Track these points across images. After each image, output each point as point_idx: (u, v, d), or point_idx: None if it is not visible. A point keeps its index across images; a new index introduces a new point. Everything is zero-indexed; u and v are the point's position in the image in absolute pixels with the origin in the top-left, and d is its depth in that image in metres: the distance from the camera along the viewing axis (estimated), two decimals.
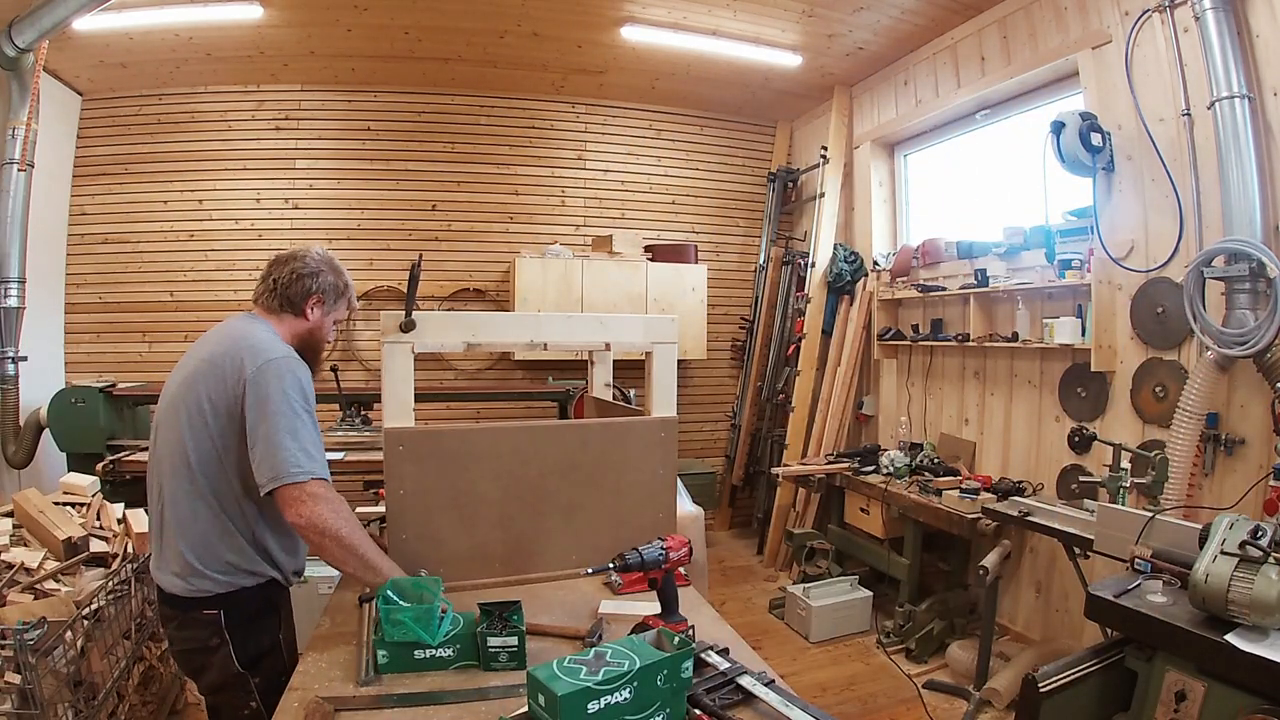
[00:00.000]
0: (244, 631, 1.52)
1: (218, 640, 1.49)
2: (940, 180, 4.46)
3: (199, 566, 1.48)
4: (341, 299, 1.74)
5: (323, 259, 1.72)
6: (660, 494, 1.93)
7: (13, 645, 1.74)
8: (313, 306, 1.68)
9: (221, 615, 1.50)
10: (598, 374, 2.47)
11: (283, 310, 1.67)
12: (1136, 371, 2.94)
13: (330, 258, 1.74)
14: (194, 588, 1.49)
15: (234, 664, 1.49)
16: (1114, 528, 2.26)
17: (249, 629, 1.54)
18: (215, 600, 1.49)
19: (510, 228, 5.14)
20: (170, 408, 1.54)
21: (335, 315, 1.75)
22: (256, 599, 1.55)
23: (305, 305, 1.67)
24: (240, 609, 1.52)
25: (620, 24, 4.02)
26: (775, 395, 5.12)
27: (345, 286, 1.75)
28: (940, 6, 3.73)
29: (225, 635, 1.49)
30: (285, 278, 1.66)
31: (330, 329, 1.75)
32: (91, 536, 2.51)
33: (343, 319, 1.81)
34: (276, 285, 1.66)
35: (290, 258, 1.69)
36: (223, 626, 1.49)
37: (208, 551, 1.49)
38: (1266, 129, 2.49)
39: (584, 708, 0.97)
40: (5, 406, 3.78)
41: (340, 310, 1.76)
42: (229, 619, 1.50)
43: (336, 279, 1.72)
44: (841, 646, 3.50)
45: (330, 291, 1.70)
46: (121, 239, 4.62)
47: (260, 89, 4.72)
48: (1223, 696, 1.61)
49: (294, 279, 1.66)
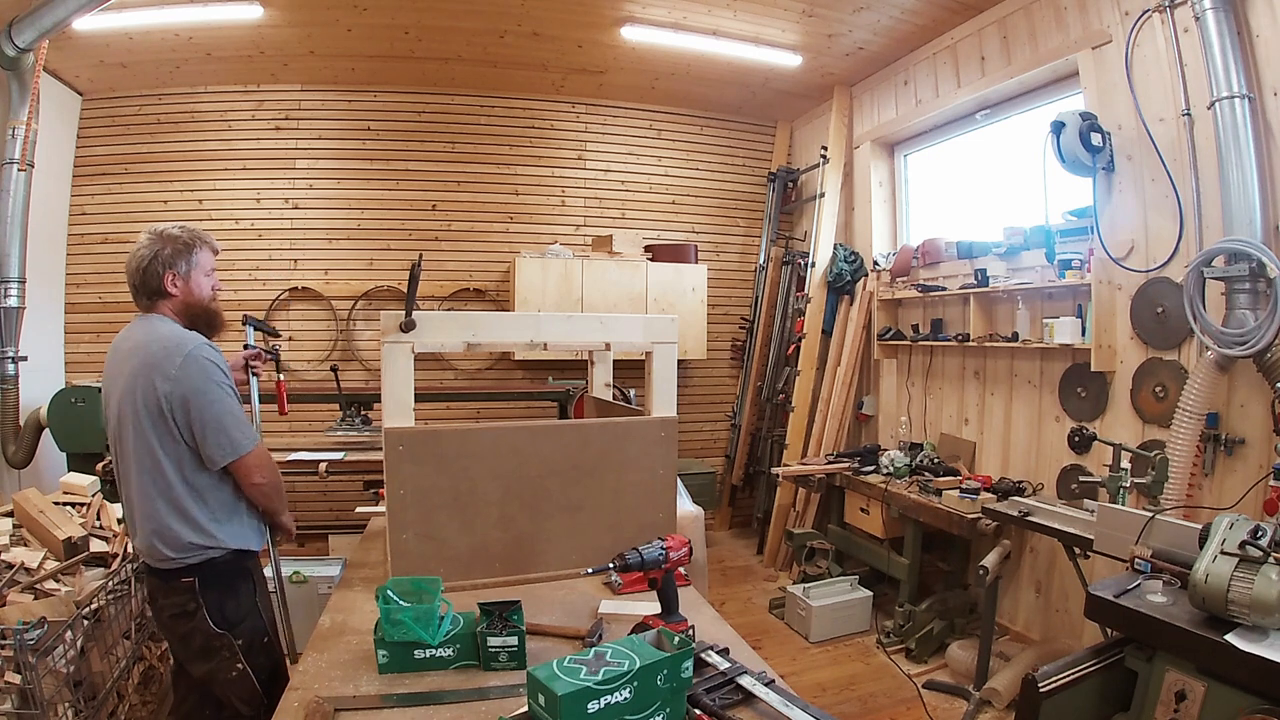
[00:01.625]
0: (218, 594, 1.69)
1: (194, 604, 1.66)
2: (940, 180, 4.46)
3: (167, 552, 1.65)
4: (190, 252, 1.77)
5: (149, 238, 1.75)
6: (660, 494, 1.93)
7: (13, 645, 1.74)
8: (171, 282, 1.74)
9: (196, 581, 1.66)
10: (598, 374, 2.48)
11: (154, 300, 1.75)
12: (1136, 371, 2.94)
13: (156, 231, 1.77)
14: (169, 561, 1.66)
15: (209, 624, 1.66)
16: (1114, 528, 2.26)
17: (224, 592, 1.70)
18: (188, 569, 1.66)
19: (510, 228, 5.14)
20: (116, 419, 1.69)
21: (199, 269, 1.78)
22: (228, 565, 1.71)
23: (165, 284, 1.74)
24: (213, 574, 1.69)
25: (620, 24, 4.02)
26: (775, 395, 5.12)
27: (186, 242, 1.76)
28: (940, 6, 3.73)
29: (200, 599, 1.66)
30: (136, 278, 1.75)
31: (204, 282, 1.80)
32: (91, 536, 2.50)
33: (211, 264, 1.84)
34: (135, 287, 1.76)
35: (130, 259, 1.76)
36: (197, 591, 1.66)
37: (172, 539, 1.65)
38: (1266, 129, 2.49)
39: (584, 708, 0.97)
40: (5, 406, 3.78)
41: (199, 260, 1.79)
42: (203, 584, 1.67)
43: (172, 244, 1.75)
44: (841, 646, 3.50)
45: (174, 257, 1.74)
46: (121, 239, 4.61)
47: (260, 89, 4.72)
48: (1223, 696, 1.61)
49: (140, 272, 1.73)
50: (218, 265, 1.87)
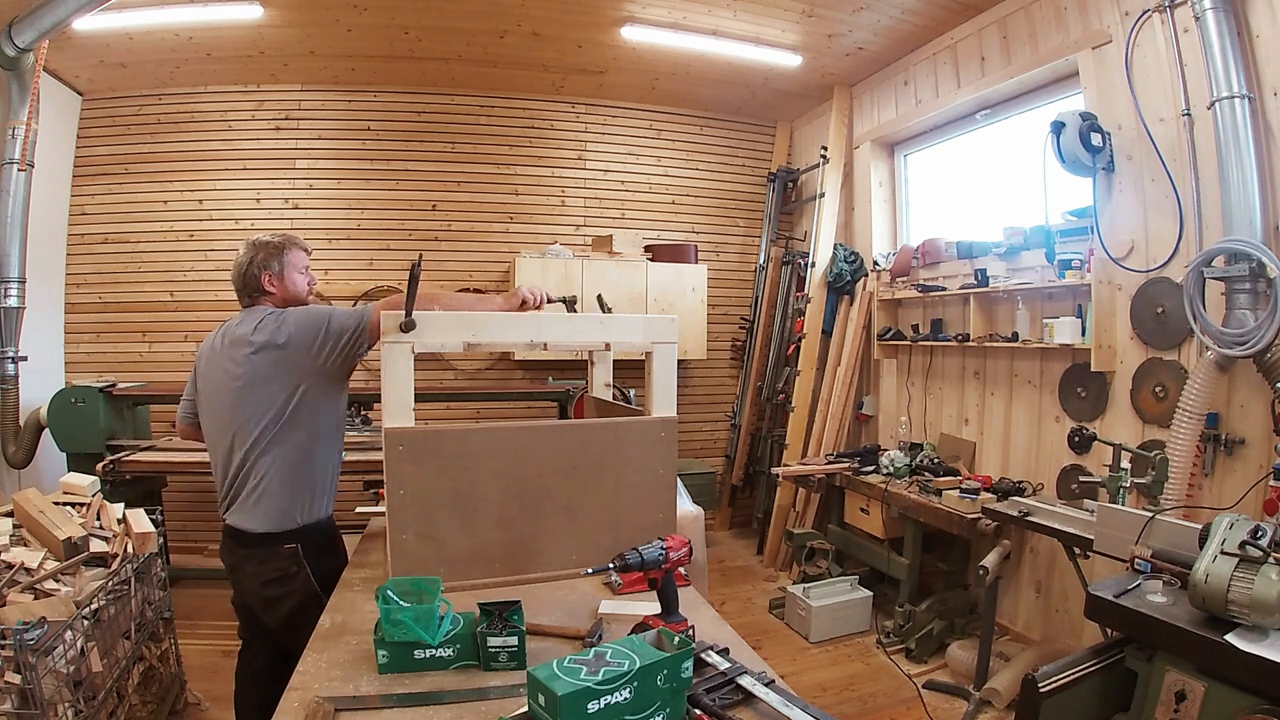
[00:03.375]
0: (316, 559, 1.88)
1: (296, 568, 1.84)
2: (940, 180, 4.46)
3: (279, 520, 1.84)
4: (283, 253, 1.96)
5: (247, 247, 1.96)
6: (660, 494, 1.93)
7: (13, 645, 1.73)
8: (269, 281, 1.94)
9: (299, 548, 1.85)
10: (598, 374, 2.47)
11: (257, 299, 1.96)
12: (1136, 371, 2.94)
13: (251, 241, 1.98)
14: (277, 528, 1.84)
15: (313, 584, 1.84)
16: (1114, 528, 2.26)
17: (320, 557, 1.91)
18: (292, 534, 1.85)
19: (510, 228, 5.14)
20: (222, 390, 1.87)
21: (292, 267, 1.98)
22: (324, 534, 1.97)
23: (263, 284, 1.94)
24: (313, 541, 1.89)
25: (620, 24, 4.02)
26: (775, 395, 5.12)
27: (277, 245, 1.96)
28: (940, 6, 3.73)
29: (303, 563, 1.85)
30: (239, 282, 1.96)
31: (298, 279, 2.00)
32: (91, 536, 2.50)
33: (304, 262, 2.03)
34: (239, 290, 1.97)
35: (233, 268, 1.98)
36: (301, 557, 1.85)
37: (283, 514, 1.85)
38: (1266, 129, 2.49)
39: (584, 708, 0.97)
40: (5, 406, 3.78)
41: (292, 259, 1.98)
42: (305, 550, 1.86)
43: (266, 250, 1.95)
44: (841, 646, 3.50)
45: (270, 261, 1.94)
46: (121, 239, 4.62)
47: (260, 89, 4.72)
48: (1223, 696, 1.61)
49: (242, 277, 1.95)
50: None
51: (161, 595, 2.69)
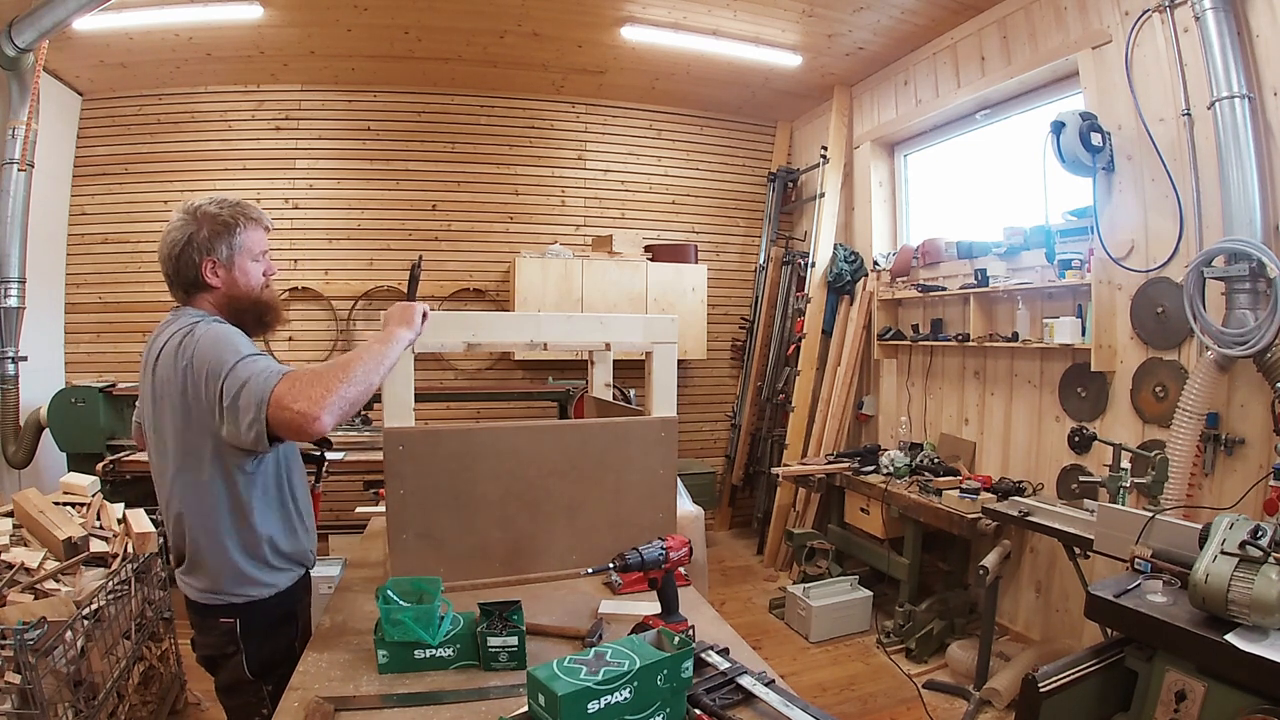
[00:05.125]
0: (259, 640, 1.49)
1: (233, 648, 1.48)
2: (940, 180, 4.46)
3: (209, 590, 1.46)
4: (233, 233, 1.46)
5: (182, 218, 1.46)
6: (660, 494, 1.93)
7: (13, 645, 1.73)
8: (211, 271, 1.45)
9: (237, 624, 1.47)
10: (598, 374, 2.47)
11: (191, 294, 1.48)
12: (1136, 371, 2.94)
13: (191, 208, 1.47)
14: (212, 598, 1.46)
15: (245, 671, 1.48)
16: (1114, 528, 2.26)
17: (264, 638, 1.50)
18: (230, 609, 1.46)
19: (510, 228, 5.14)
20: (154, 432, 1.47)
21: (244, 253, 1.48)
22: (273, 610, 1.51)
23: (204, 275, 1.45)
24: (257, 619, 1.49)
25: (620, 24, 4.01)
26: (775, 395, 5.12)
27: (226, 221, 1.46)
28: (940, 6, 3.73)
29: (240, 644, 1.47)
30: (168, 265, 1.46)
31: (252, 269, 1.51)
32: (91, 536, 2.50)
33: (261, 245, 1.53)
34: (169, 277, 1.48)
35: (161, 242, 1.47)
36: (238, 635, 1.47)
37: (213, 585, 1.46)
38: (1266, 129, 2.49)
39: (584, 708, 0.97)
40: (5, 406, 3.78)
41: (247, 242, 1.49)
42: (244, 628, 1.47)
43: (210, 223, 1.45)
44: (841, 646, 3.50)
45: (213, 240, 1.44)
46: (121, 239, 4.62)
47: (260, 89, 4.72)
48: (1223, 696, 1.61)
49: (172, 260, 1.45)
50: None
51: (161, 595, 2.69)
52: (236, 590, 1.46)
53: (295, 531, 1.55)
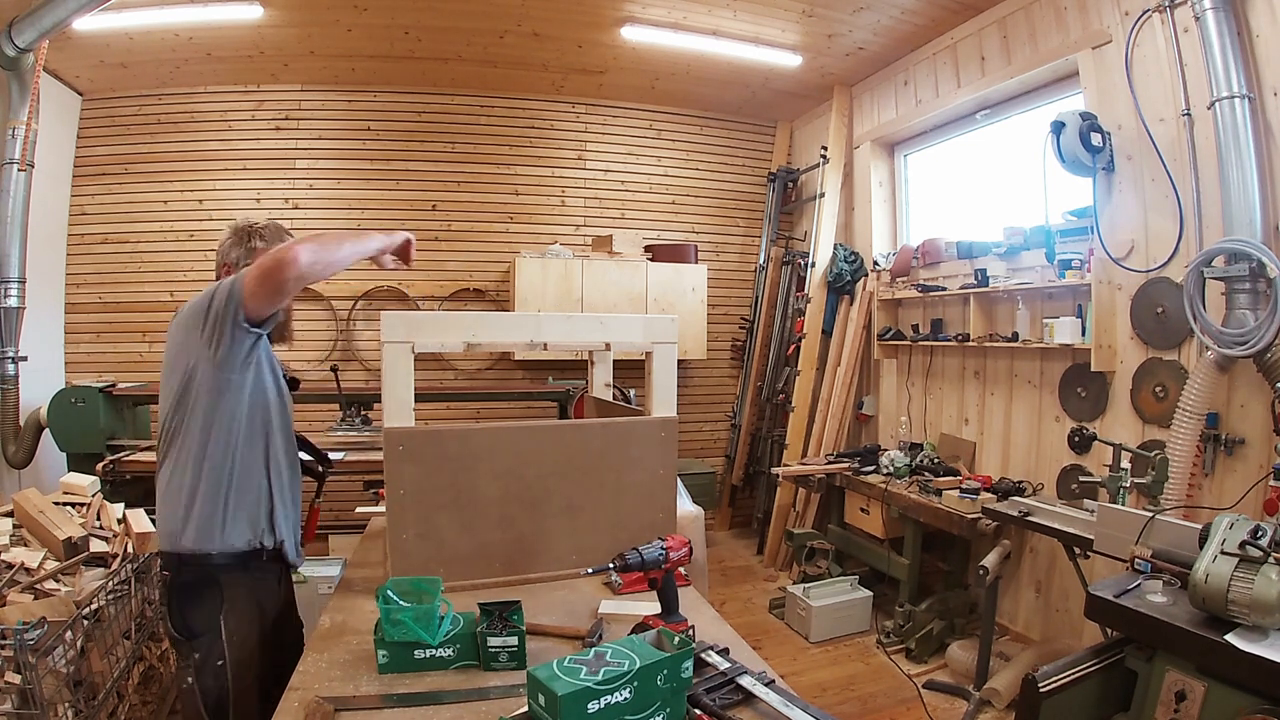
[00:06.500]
0: (180, 598, 1.55)
1: (165, 605, 1.59)
2: (940, 180, 4.46)
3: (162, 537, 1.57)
4: (248, 243, 1.72)
5: (226, 236, 1.77)
6: (660, 494, 1.93)
7: (13, 645, 1.73)
8: (225, 275, 1.69)
9: (171, 578, 1.56)
10: (598, 374, 2.47)
11: None
12: (1136, 371, 2.94)
13: (233, 224, 1.79)
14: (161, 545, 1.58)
15: (169, 625, 1.56)
16: (1114, 528, 2.26)
17: (184, 597, 1.55)
18: (169, 558, 1.56)
19: (510, 228, 5.14)
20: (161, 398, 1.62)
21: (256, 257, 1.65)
22: (194, 569, 1.53)
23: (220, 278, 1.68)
24: (180, 573, 1.55)
25: (620, 24, 4.02)
26: (775, 395, 5.12)
27: (245, 231, 1.74)
28: (940, 6, 3.73)
29: (169, 597, 1.57)
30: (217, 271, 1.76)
31: None
32: (91, 536, 2.50)
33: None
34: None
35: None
36: (170, 589, 1.56)
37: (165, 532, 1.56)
38: (1266, 129, 2.49)
39: (584, 708, 0.97)
40: (5, 406, 3.78)
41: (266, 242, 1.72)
42: (172, 579, 1.56)
43: (235, 234, 1.75)
44: (841, 646, 3.50)
45: (231, 250, 1.74)
46: (121, 239, 4.62)
47: (260, 89, 4.72)
48: (1223, 696, 1.61)
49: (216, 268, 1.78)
50: None
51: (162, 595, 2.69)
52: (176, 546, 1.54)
53: (260, 503, 1.60)
